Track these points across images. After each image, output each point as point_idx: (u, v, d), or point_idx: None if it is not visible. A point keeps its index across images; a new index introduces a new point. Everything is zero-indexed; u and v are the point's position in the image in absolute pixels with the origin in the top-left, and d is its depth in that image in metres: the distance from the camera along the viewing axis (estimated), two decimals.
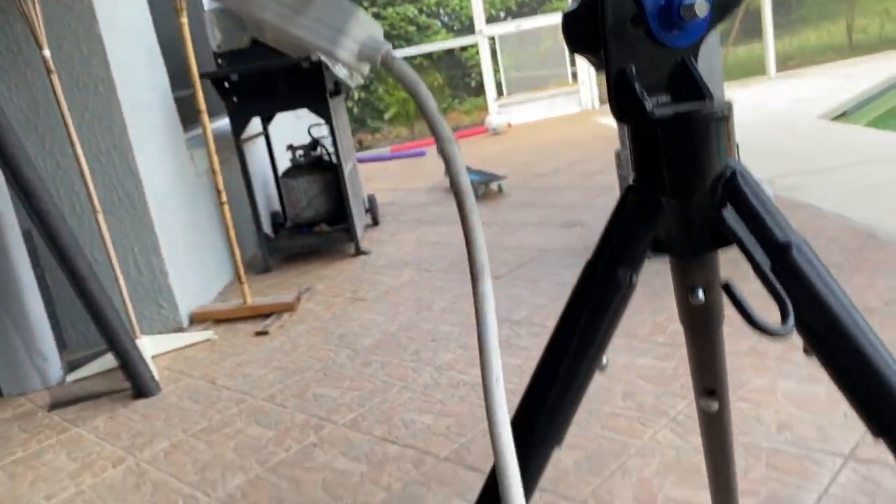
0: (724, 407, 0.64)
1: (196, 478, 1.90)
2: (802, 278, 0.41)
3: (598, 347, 0.41)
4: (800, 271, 0.42)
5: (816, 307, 0.42)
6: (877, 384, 0.39)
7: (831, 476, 1.46)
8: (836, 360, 0.41)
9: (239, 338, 2.91)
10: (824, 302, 0.42)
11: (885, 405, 0.39)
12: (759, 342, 2.07)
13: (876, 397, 0.39)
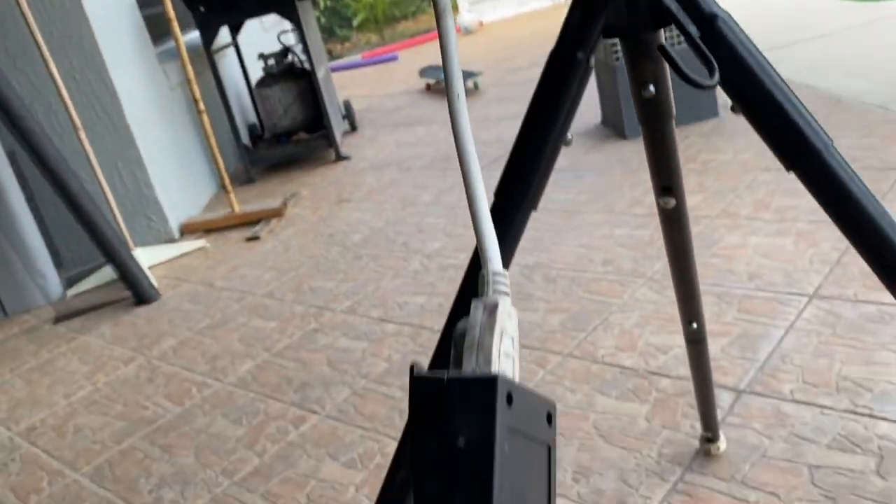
0: (680, 203, 0.72)
1: (206, 367, 2.01)
2: (726, 43, 0.48)
3: (563, 123, 0.49)
4: (724, 38, 0.49)
5: (739, 67, 0.49)
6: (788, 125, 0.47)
7: (797, 313, 1.58)
8: (757, 113, 0.49)
9: (231, 244, 2.99)
10: (746, 62, 0.49)
11: (793, 142, 0.47)
12: (731, 204, 2.17)
13: (784, 134, 0.47)
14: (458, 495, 0.31)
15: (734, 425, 1.31)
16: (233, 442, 1.65)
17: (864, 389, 1.31)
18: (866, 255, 0.50)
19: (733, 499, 1.16)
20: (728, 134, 2.76)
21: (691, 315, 0.94)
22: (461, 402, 0.32)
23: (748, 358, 1.48)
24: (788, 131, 0.47)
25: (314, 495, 1.41)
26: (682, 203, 0.74)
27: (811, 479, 1.15)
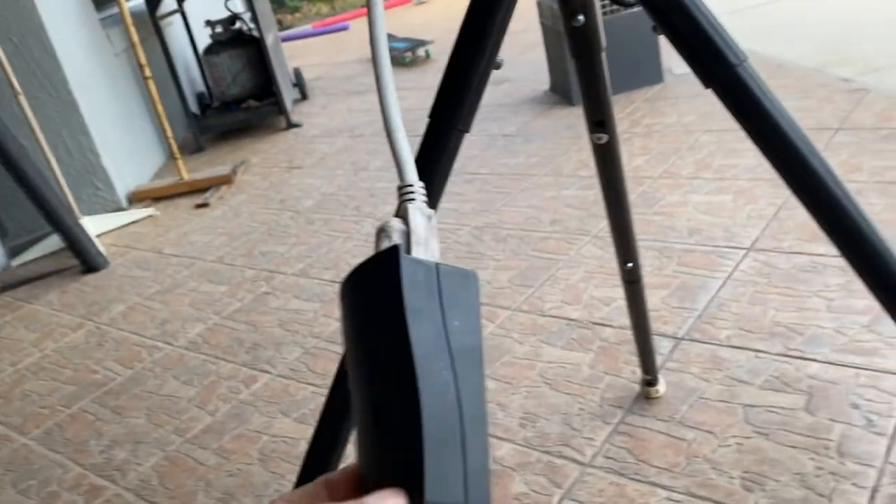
0: (612, 139, 0.75)
1: (157, 331, 2.00)
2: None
3: (493, 46, 0.50)
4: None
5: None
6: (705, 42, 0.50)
7: (734, 265, 1.64)
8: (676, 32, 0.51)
9: (180, 211, 2.96)
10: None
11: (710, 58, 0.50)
12: (672, 165, 2.22)
13: (702, 50, 0.50)
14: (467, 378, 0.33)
15: (673, 370, 1.36)
16: (184, 402, 1.65)
17: (796, 333, 1.37)
18: (778, 166, 0.53)
19: (672, 438, 1.21)
20: (672, 99, 2.81)
21: (627, 255, 0.97)
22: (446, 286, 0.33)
23: (687, 307, 1.53)
24: (706, 48, 0.49)
25: (267, 450, 1.43)
26: (615, 138, 0.76)
27: (745, 418, 1.21)
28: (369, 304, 0.33)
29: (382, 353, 0.32)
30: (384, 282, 0.33)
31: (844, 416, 1.16)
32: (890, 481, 1.03)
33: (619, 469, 1.17)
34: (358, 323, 0.34)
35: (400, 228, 0.36)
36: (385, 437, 0.32)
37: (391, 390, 0.32)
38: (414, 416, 0.31)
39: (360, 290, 0.34)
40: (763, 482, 1.08)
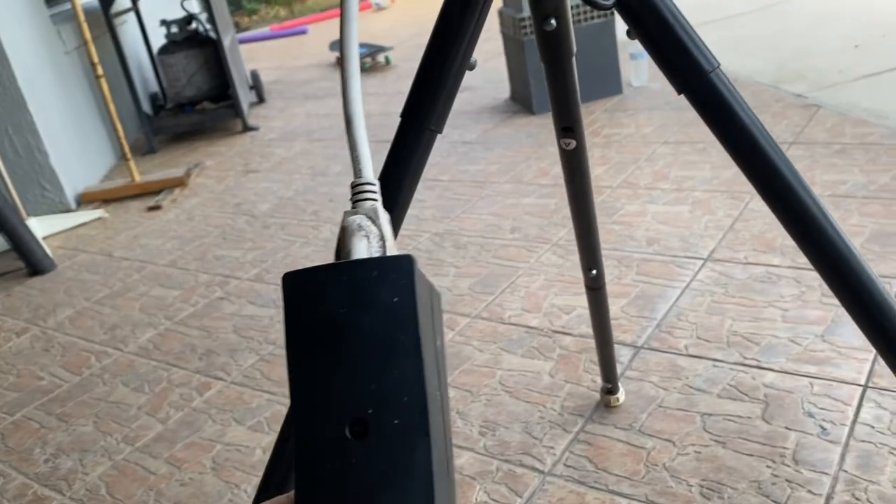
0: (580, 145, 0.75)
1: (105, 336, 1.95)
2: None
3: (467, 46, 0.49)
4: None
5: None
6: (679, 48, 0.50)
7: (692, 275, 1.66)
8: (650, 37, 0.50)
9: (131, 214, 2.89)
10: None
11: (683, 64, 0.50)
12: (631, 175, 2.25)
13: (675, 56, 0.50)
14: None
15: (633, 379, 1.36)
16: (134, 409, 1.61)
17: (752, 343, 1.39)
18: (748, 172, 0.53)
19: (631, 446, 1.21)
20: (631, 110, 2.85)
21: (591, 262, 0.97)
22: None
23: (646, 316, 1.54)
24: (679, 54, 0.49)
25: (220, 458, 1.39)
26: (582, 145, 0.76)
27: (703, 426, 1.22)
28: (371, 309, 0.31)
29: (384, 367, 0.30)
30: (397, 290, 0.30)
31: (799, 425, 1.17)
32: (843, 488, 1.05)
33: (580, 477, 1.17)
34: (342, 325, 0.31)
35: (374, 231, 0.34)
36: (377, 458, 0.29)
37: (392, 408, 0.29)
38: (423, 440, 0.29)
39: (354, 291, 0.31)
40: (721, 490, 1.09)
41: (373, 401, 0.30)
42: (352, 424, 0.30)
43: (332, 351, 0.31)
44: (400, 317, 0.30)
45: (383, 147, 0.61)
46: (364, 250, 0.33)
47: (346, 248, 0.33)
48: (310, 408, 0.30)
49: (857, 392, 1.22)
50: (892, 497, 1.02)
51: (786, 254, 1.66)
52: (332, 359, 0.30)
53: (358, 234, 0.34)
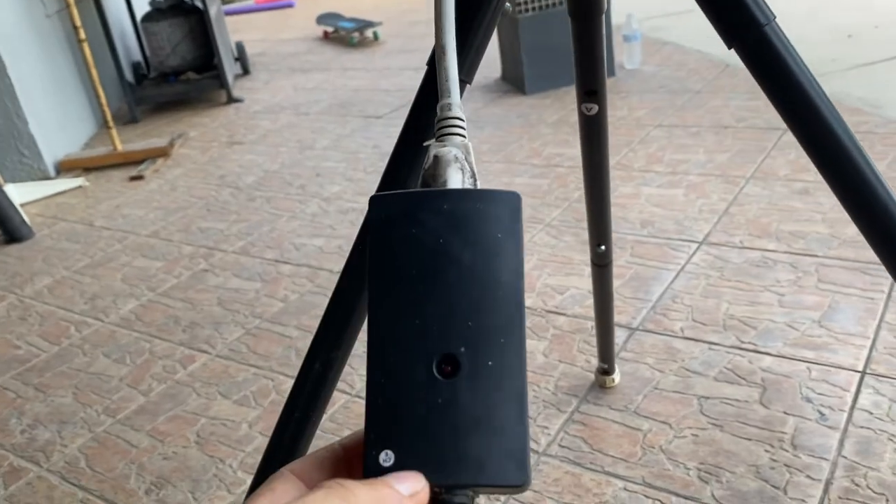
0: (602, 110, 0.72)
1: (86, 307, 1.90)
2: None
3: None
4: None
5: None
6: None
7: (687, 258, 1.64)
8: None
9: (113, 183, 2.82)
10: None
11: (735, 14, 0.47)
12: (624, 157, 2.22)
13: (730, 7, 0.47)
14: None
15: (628, 360, 1.34)
16: (115, 381, 1.56)
17: (749, 327, 1.37)
18: (799, 131, 0.49)
19: (627, 427, 1.19)
20: (624, 92, 2.82)
21: (600, 237, 0.95)
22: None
23: (641, 298, 1.52)
24: (733, 6, 0.46)
25: (204, 432, 1.36)
26: (604, 110, 0.73)
27: (700, 409, 1.20)
28: (472, 242, 0.29)
29: (482, 304, 0.28)
30: (503, 225, 0.29)
31: (798, 410, 1.16)
32: (843, 474, 1.04)
33: (575, 458, 1.15)
34: (435, 257, 0.29)
35: (468, 164, 0.32)
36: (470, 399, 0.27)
37: (490, 347, 0.27)
38: (519, 383, 0.27)
39: (453, 221, 0.29)
40: (719, 473, 1.07)
41: (467, 339, 0.28)
42: (441, 360, 0.28)
43: (425, 282, 0.28)
44: (504, 255, 0.28)
45: (371, 122, 0.57)
46: (459, 183, 0.31)
47: (442, 177, 0.31)
48: (392, 339, 0.28)
49: (855, 378, 1.21)
50: (891, 483, 1.01)
51: (781, 239, 1.64)
52: (423, 290, 0.28)
53: (454, 166, 0.31)
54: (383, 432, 0.28)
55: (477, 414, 0.27)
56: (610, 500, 1.06)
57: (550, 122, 2.64)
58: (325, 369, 0.47)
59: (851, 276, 1.47)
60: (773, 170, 1.97)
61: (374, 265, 0.29)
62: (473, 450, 0.27)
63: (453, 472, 0.27)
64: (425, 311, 0.28)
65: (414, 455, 0.27)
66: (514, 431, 0.27)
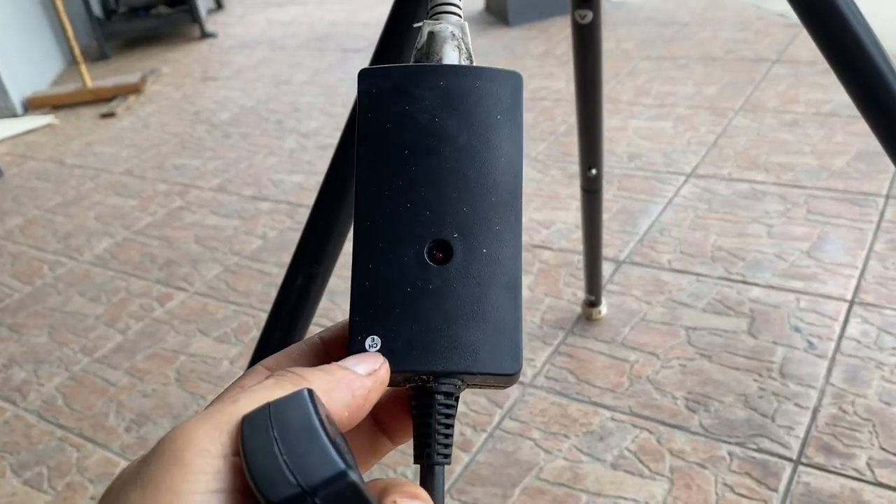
0: (596, 18, 0.67)
1: (59, 245, 1.84)
2: None
3: None
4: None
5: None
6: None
7: (675, 190, 1.61)
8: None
9: (83, 121, 2.73)
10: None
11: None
12: (612, 90, 2.18)
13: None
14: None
15: (615, 293, 1.32)
16: (91, 320, 1.53)
17: (738, 258, 1.35)
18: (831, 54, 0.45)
19: (614, 359, 1.18)
20: (612, 25, 2.75)
21: (591, 159, 0.91)
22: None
23: (628, 231, 1.50)
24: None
25: (184, 370, 1.33)
26: (598, 18, 0.69)
27: (688, 340, 1.19)
28: (472, 122, 0.27)
29: (480, 188, 0.26)
30: (504, 106, 0.27)
31: (786, 340, 1.15)
32: (830, 401, 1.03)
33: (561, 389, 1.13)
34: (431, 136, 0.27)
35: (464, 46, 0.30)
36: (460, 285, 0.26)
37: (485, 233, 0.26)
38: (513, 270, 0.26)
39: (452, 99, 0.27)
40: (707, 403, 1.07)
41: (461, 225, 0.26)
42: (433, 246, 0.26)
43: (417, 162, 0.27)
44: (503, 137, 0.27)
45: (350, 56, 0.53)
46: (456, 61, 0.29)
47: (437, 55, 0.29)
48: (381, 223, 0.26)
49: (843, 307, 1.20)
50: (878, 409, 1.01)
51: (770, 170, 1.62)
52: (416, 171, 0.27)
53: (451, 43, 0.29)
54: (370, 317, 0.26)
55: (470, 302, 0.26)
56: (597, 429, 1.05)
57: (536, 54, 2.57)
58: (307, 284, 0.44)
59: (840, 206, 1.45)
60: (762, 102, 1.94)
61: (363, 143, 0.27)
62: (465, 337, 0.26)
63: (444, 358, 0.26)
64: (417, 193, 0.26)
65: (403, 340, 0.26)
66: (508, 320, 0.26)
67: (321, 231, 0.46)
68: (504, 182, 0.27)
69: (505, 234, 0.26)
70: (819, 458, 0.96)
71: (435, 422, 0.26)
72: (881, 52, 0.42)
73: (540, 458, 1.03)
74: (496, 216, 0.26)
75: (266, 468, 0.21)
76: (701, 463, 0.98)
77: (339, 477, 0.20)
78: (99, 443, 1.19)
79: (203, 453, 0.21)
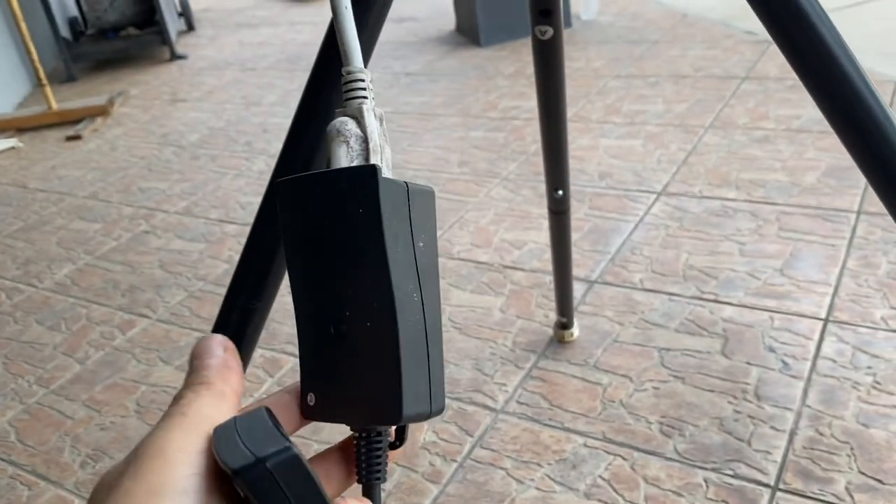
0: (557, 33, 0.65)
1: (18, 272, 1.79)
2: None
3: None
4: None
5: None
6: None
7: (646, 209, 1.59)
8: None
9: (48, 144, 2.67)
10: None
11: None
12: (582, 109, 2.17)
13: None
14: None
15: (587, 314, 1.30)
16: (49, 349, 1.47)
17: (710, 277, 1.34)
18: (796, 62, 0.42)
19: (587, 382, 1.15)
20: (581, 43, 2.75)
21: (557, 180, 0.89)
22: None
23: (600, 251, 1.47)
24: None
25: (144, 400, 1.28)
26: (560, 34, 0.66)
27: (661, 361, 1.16)
28: (339, 220, 0.32)
29: (355, 273, 0.32)
30: (360, 202, 0.31)
31: (760, 360, 1.13)
32: (807, 424, 1.01)
33: (534, 415, 1.10)
34: (320, 234, 0.33)
35: (356, 133, 0.33)
36: (349, 356, 0.32)
37: (364, 312, 0.32)
38: (392, 341, 0.31)
39: (327, 201, 0.32)
40: (682, 427, 1.04)
41: (349, 305, 0.32)
42: (335, 324, 0.33)
43: (316, 260, 0.33)
44: (365, 228, 0.31)
45: None
46: (344, 157, 0.33)
47: (328, 155, 0.33)
48: (305, 307, 0.34)
49: (818, 326, 1.18)
50: (856, 431, 0.99)
51: (741, 187, 1.61)
52: (317, 266, 0.33)
53: (337, 140, 0.33)
54: (309, 380, 0.34)
55: (364, 366, 0.32)
56: (570, 456, 1.02)
57: (507, 74, 2.56)
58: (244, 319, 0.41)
59: (812, 223, 1.44)
60: (732, 118, 1.93)
61: (285, 246, 0.34)
62: (360, 395, 0.32)
63: (349, 413, 0.33)
64: (321, 283, 0.33)
65: (328, 399, 0.33)
66: (390, 379, 0.31)
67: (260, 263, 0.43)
68: (373, 264, 0.31)
69: (382, 308, 0.31)
70: (797, 484, 0.93)
71: (360, 454, 0.34)
72: (855, 65, 0.40)
73: (512, 488, 0.99)
74: (372, 295, 0.31)
75: (229, 447, 0.28)
76: (677, 490, 0.95)
77: (284, 451, 0.28)
78: (52, 480, 1.14)
79: (180, 449, 0.28)
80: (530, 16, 0.64)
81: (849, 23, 2.50)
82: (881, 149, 0.39)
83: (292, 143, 0.47)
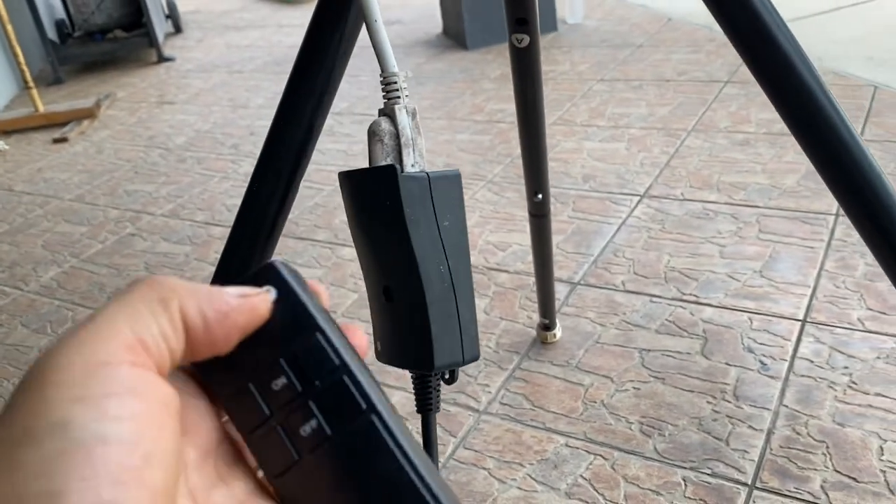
0: (534, 41, 0.66)
1: (3, 275, 1.79)
2: None
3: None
4: None
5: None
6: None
7: (628, 211, 1.61)
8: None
9: (34, 146, 2.67)
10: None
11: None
12: (567, 112, 2.18)
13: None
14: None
15: (569, 315, 1.31)
16: (35, 352, 1.47)
17: (690, 279, 1.35)
18: (758, 70, 0.44)
19: (569, 383, 1.16)
20: (566, 47, 2.77)
21: (537, 185, 0.90)
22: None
23: (582, 253, 1.49)
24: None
25: None
26: (537, 42, 0.68)
27: (642, 362, 1.18)
28: (373, 210, 0.39)
29: (390, 252, 0.39)
30: (385, 196, 0.38)
31: (739, 360, 1.15)
32: (784, 423, 1.03)
33: (516, 416, 1.12)
34: (363, 220, 0.40)
35: (389, 130, 0.39)
36: (396, 316, 0.40)
37: (400, 282, 0.39)
38: (421, 306, 0.38)
39: (363, 195, 0.39)
40: (661, 427, 1.05)
41: (390, 277, 0.40)
42: (384, 290, 0.40)
43: (366, 239, 0.40)
44: (392, 217, 0.38)
45: None
46: (380, 154, 0.39)
47: (370, 154, 0.40)
48: (368, 276, 0.41)
49: (795, 327, 1.20)
50: (832, 431, 1.00)
51: (722, 190, 1.63)
52: (367, 245, 0.40)
53: (373, 140, 0.38)
54: (376, 331, 0.42)
55: (405, 327, 0.40)
56: (551, 456, 1.04)
57: (493, 77, 2.58)
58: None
59: (792, 225, 1.47)
60: (714, 122, 1.96)
61: (350, 227, 0.42)
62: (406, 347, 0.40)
63: (401, 361, 0.41)
64: (372, 258, 0.41)
65: (385, 348, 0.41)
66: (421, 341, 0.39)
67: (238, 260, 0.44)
68: (399, 247, 0.39)
69: (411, 281, 0.39)
70: (774, 482, 0.95)
71: (416, 390, 0.42)
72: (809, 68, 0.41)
73: (494, 488, 1.01)
74: (403, 269, 0.39)
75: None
76: (656, 489, 0.97)
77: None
78: None
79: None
80: (507, 24, 0.66)
81: (831, 27, 2.53)
82: (835, 149, 0.41)
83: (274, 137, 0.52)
